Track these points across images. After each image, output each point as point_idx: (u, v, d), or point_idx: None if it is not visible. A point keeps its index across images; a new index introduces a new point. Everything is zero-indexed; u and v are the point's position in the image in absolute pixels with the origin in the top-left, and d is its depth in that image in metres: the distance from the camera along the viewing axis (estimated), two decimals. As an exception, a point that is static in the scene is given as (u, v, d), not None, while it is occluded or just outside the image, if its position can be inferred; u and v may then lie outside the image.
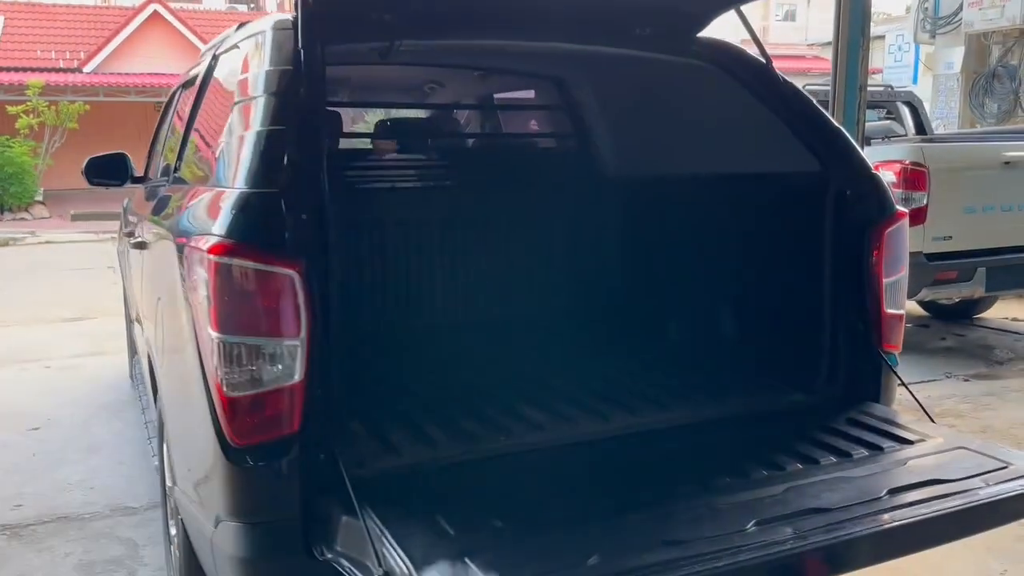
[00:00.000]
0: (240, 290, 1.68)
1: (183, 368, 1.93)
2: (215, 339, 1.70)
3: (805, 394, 2.29)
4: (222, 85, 2.53)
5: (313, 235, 1.70)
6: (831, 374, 2.30)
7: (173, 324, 2.04)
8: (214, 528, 1.83)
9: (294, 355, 1.69)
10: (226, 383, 1.70)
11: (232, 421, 1.71)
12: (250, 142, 1.84)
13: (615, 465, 1.89)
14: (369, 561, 1.53)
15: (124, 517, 3.44)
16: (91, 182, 4.38)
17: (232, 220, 1.73)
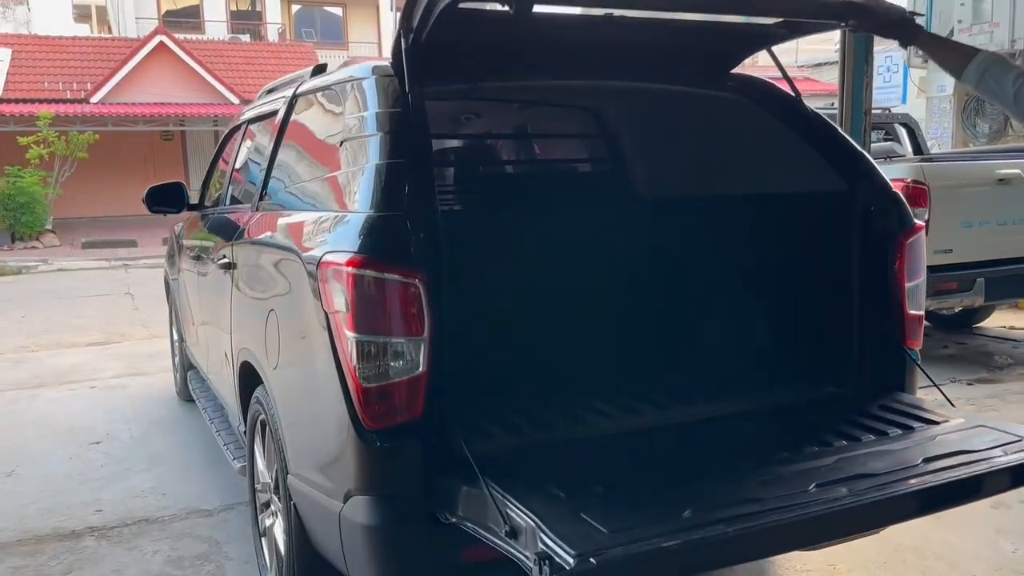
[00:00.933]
0: (373, 297, 1.99)
1: (311, 366, 2.23)
2: (352, 339, 2.00)
3: (840, 387, 2.60)
4: (316, 124, 2.84)
5: (431, 249, 2.01)
6: (862, 368, 2.61)
7: (296, 329, 2.34)
8: (343, 503, 2.12)
9: (418, 351, 1.99)
10: (361, 375, 2.00)
11: (366, 408, 2.00)
12: (371, 173, 2.15)
13: (691, 446, 2.20)
14: (493, 522, 1.82)
15: (201, 519, 3.72)
16: (151, 209, 4.70)
17: (365, 238, 2.04)
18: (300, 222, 2.45)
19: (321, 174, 2.58)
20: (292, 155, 3.01)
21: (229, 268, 3.25)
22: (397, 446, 2.02)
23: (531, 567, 1.61)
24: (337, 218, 2.22)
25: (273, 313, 2.52)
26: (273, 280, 2.59)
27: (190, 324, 4.79)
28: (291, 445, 2.46)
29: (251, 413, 2.98)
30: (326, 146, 2.65)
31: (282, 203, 2.87)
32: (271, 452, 2.80)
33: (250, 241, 3.00)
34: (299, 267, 2.28)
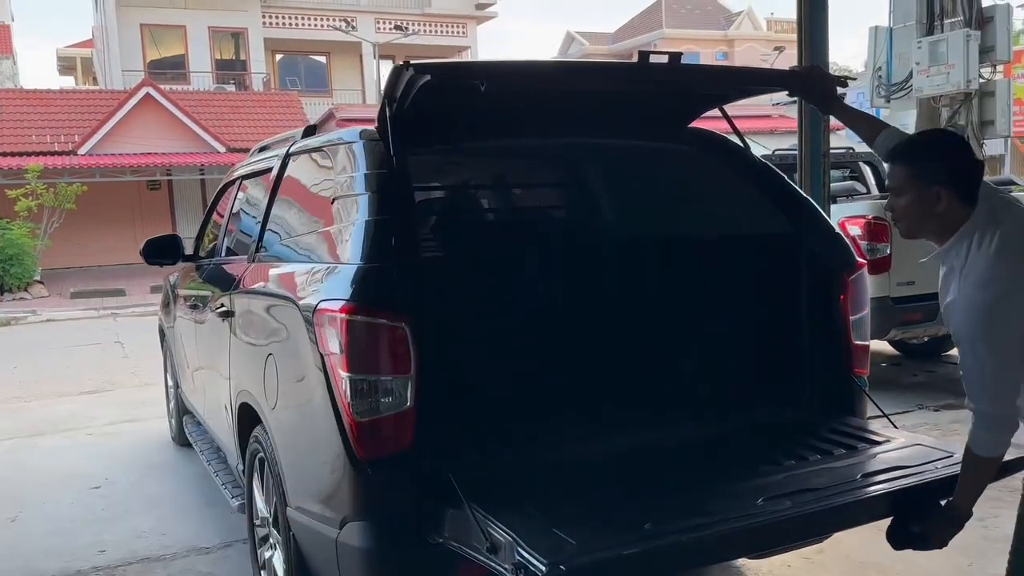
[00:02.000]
0: (364, 340, 2.22)
1: (308, 405, 2.45)
2: (345, 378, 2.23)
3: (795, 410, 2.84)
4: (309, 181, 3.09)
5: (415, 296, 2.24)
6: (814, 394, 2.85)
7: (293, 371, 2.56)
8: (339, 530, 2.32)
9: (405, 387, 2.21)
10: (355, 411, 2.22)
11: (359, 440, 2.22)
12: (360, 228, 2.39)
13: (658, 466, 2.42)
14: (476, 540, 2.03)
15: (199, 556, 3.89)
16: (148, 261, 4.92)
17: (355, 287, 2.27)
18: (295, 272, 2.68)
19: (314, 228, 2.82)
20: (286, 210, 3.25)
21: (227, 316, 3.46)
22: (388, 474, 2.24)
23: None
24: (330, 269, 2.46)
25: (272, 357, 2.74)
26: (271, 327, 2.81)
27: (186, 370, 4.98)
28: (290, 479, 2.66)
29: (250, 452, 3.18)
30: (318, 202, 2.89)
31: (278, 255, 3.10)
32: (270, 487, 2.99)
33: (248, 291, 3.22)
34: (296, 314, 2.51)
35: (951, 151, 2.15)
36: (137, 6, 26.94)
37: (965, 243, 2.04)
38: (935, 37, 8.79)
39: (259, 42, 28.82)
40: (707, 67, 2.73)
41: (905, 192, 2.13)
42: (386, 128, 2.48)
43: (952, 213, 2.07)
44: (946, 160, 2.11)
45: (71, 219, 19.41)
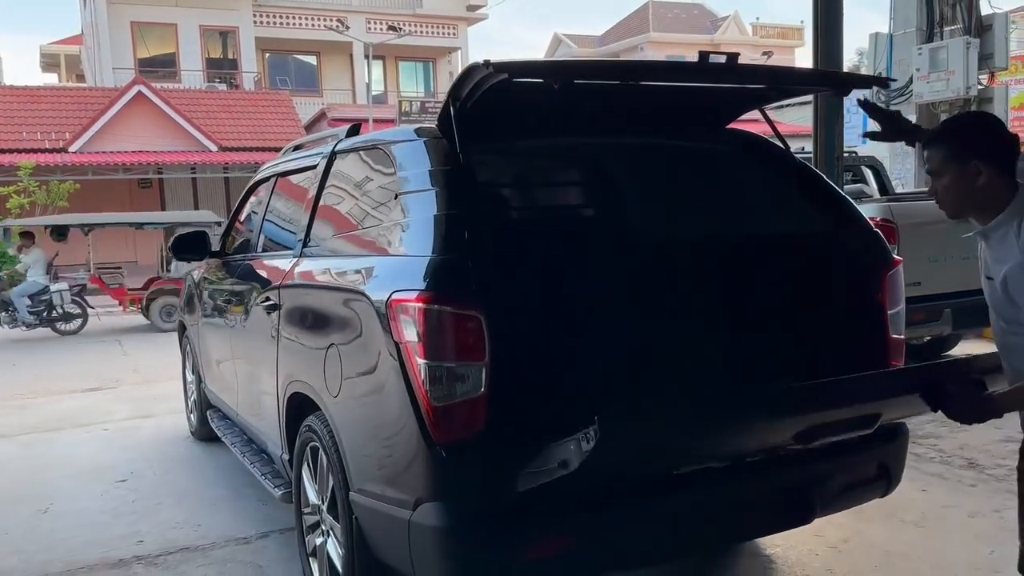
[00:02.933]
0: (440, 328, 2.31)
1: (378, 392, 2.54)
2: (423, 365, 2.32)
3: None
4: (362, 178, 3.18)
5: (489, 285, 2.34)
6: None
7: (360, 360, 2.65)
8: (412, 511, 2.41)
9: (480, 374, 2.31)
10: (432, 396, 2.32)
11: (436, 424, 2.32)
12: (431, 222, 2.49)
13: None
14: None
15: (239, 546, 3.96)
16: (177, 256, 4.99)
17: (432, 278, 2.36)
18: (361, 266, 2.77)
19: (373, 223, 2.91)
20: (337, 206, 3.34)
21: (273, 310, 3.54)
22: (463, 457, 2.33)
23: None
24: (400, 262, 2.55)
25: (334, 348, 2.83)
26: (332, 318, 2.90)
27: (212, 365, 5.05)
28: (354, 464, 2.75)
29: (300, 440, 3.26)
30: (375, 198, 2.98)
31: (331, 250, 3.18)
32: (323, 475, 3.08)
33: (299, 285, 3.31)
34: (365, 305, 2.60)
35: (983, 126, 2.22)
36: (128, 3, 26.83)
37: (1016, 220, 2.11)
38: (936, 44, 8.97)
39: (250, 41, 28.78)
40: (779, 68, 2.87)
41: (944, 173, 2.19)
42: (451, 125, 2.57)
43: (994, 187, 2.14)
44: (980, 134, 2.18)
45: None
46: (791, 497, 2.73)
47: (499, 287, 2.35)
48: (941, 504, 4.10)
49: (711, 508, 2.62)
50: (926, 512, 3.98)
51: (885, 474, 2.96)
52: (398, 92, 31.08)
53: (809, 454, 2.76)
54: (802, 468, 2.74)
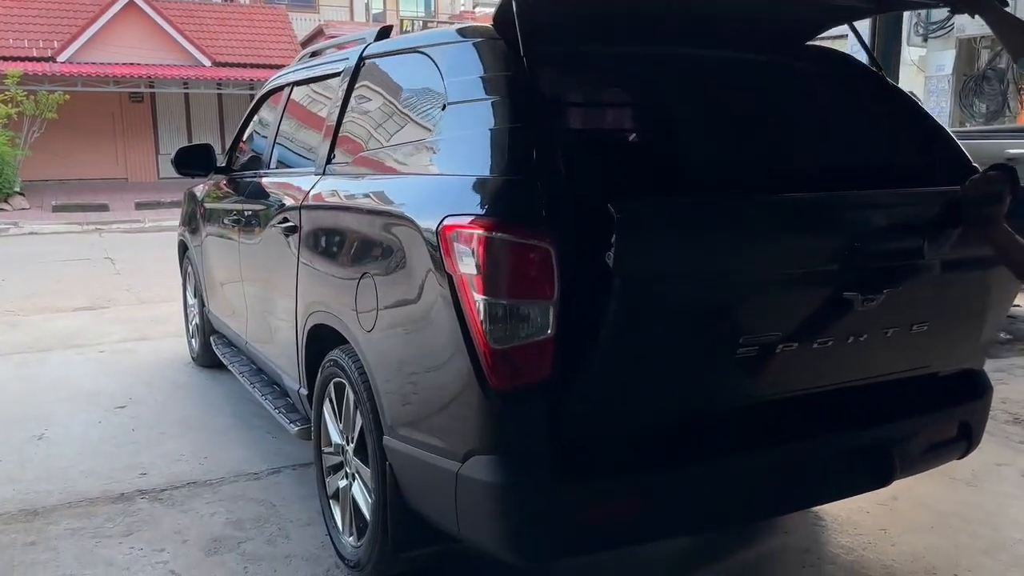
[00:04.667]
0: (504, 260, 2.00)
1: (424, 330, 2.24)
2: (481, 301, 2.02)
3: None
4: (400, 87, 2.83)
5: (561, 213, 2.03)
6: None
7: (401, 292, 2.35)
8: (461, 463, 2.15)
9: (547, 314, 2.02)
10: (491, 337, 2.02)
11: (494, 369, 2.03)
12: (490, 137, 2.15)
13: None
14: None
15: (249, 482, 3.72)
16: (179, 171, 4.64)
17: (495, 201, 2.05)
18: (403, 186, 2.44)
19: (415, 139, 2.58)
20: (367, 118, 3.00)
21: (292, 232, 3.23)
22: (524, 407, 2.06)
23: None
24: (454, 182, 2.23)
25: (368, 277, 2.53)
26: (366, 244, 2.58)
27: (217, 289, 4.75)
28: (390, 407, 2.47)
29: (323, 376, 2.99)
30: (418, 111, 2.64)
31: (363, 168, 2.85)
32: (349, 415, 2.81)
33: (325, 206, 2.99)
34: (409, 232, 2.29)
35: None
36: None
37: None
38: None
39: (246, -48, 27.69)
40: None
41: None
42: (512, 23, 2.22)
43: None
44: None
45: (51, 130, 18.74)
46: (873, 457, 2.49)
47: (572, 214, 2.04)
48: (993, 462, 3.89)
49: (790, 468, 2.37)
50: (977, 470, 3.76)
51: (966, 434, 2.72)
52: (398, 11, 30.11)
53: (893, 411, 2.51)
54: (886, 426, 2.49)
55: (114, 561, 3.03)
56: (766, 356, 2.20)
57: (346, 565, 2.89)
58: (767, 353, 2.19)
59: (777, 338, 2.19)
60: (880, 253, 2.24)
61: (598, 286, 2.00)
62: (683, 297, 2.10)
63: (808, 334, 2.25)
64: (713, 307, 2.15)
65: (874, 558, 3.07)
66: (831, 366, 2.37)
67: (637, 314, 2.02)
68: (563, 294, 2.01)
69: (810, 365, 2.32)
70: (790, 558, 3.07)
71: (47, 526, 3.31)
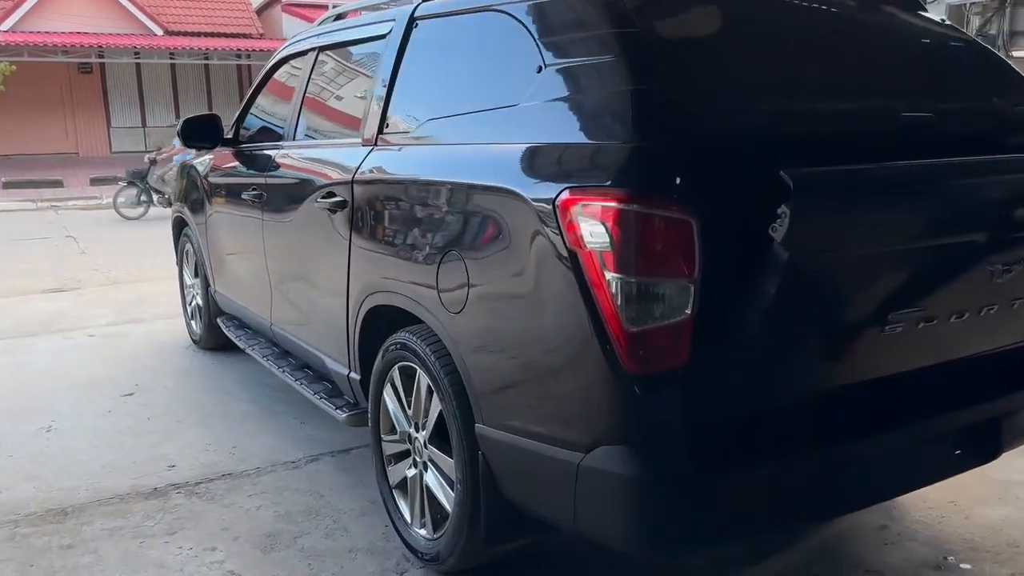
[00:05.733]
0: (641, 234, 1.85)
1: (536, 311, 2.08)
2: (615, 279, 1.87)
3: None
4: (473, 48, 2.63)
5: (701, 182, 1.88)
6: None
7: (503, 271, 2.18)
8: (584, 453, 2.00)
9: (687, 294, 1.87)
10: (626, 318, 1.87)
11: (629, 352, 1.88)
12: (614, 100, 1.99)
13: None
14: None
15: (288, 472, 3.53)
16: (187, 144, 4.39)
17: (628, 170, 1.89)
18: (501, 156, 2.25)
19: (500, 104, 2.39)
20: (430, 84, 2.80)
21: (338, 209, 3.02)
22: (660, 393, 1.92)
23: None
24: (571, 149, 2.06)
25: (454, 254, 2.35)
26: (451, 219, 2.39)
27: (228, 268, 4.51)
28: (484, 393, 2.31)
29: (384, 361, 2.81)
30: (502, 74, 2.45)
31: (427, 137, 2.66)
32: (421, 400, 2.65)
33: (387, 180, 2.79)
34: (510, 203, 2.11)
35: None
36: None
37: None
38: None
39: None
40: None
41: None
42: None
43: None
44: None
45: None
46: (987, 431, 2.41)
47: (716, 184, 1.89)
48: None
49: (916, 446, 2.28)
50: None
51: None
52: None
53: (1008, 383, 2.44)
54: (1002, 398, 2.42)
55: (165, 563, 2.84)
56: (909, 332, 2.09)
57: (419, 559, 2.74)
58: (911, 329, 2.08)
59: (922, 313, 2.09)
60: (1019, 220, 2.14)
61: (751, 261, 1.86)
62: (843, 272, 1.98)
63: (949, 307, 2.15)
64: (870, 282, 2.03)
65: (953, 532, 3.02)
66: (961, 340, 2.28)
67: (793, 292, 1.88)
68: (706, 271, 1.87)
69: (943, 339, 2.22)
70: (869, 535, 3.00)
71: (81, 527, 3.09)
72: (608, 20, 2.12)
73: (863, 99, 2.31)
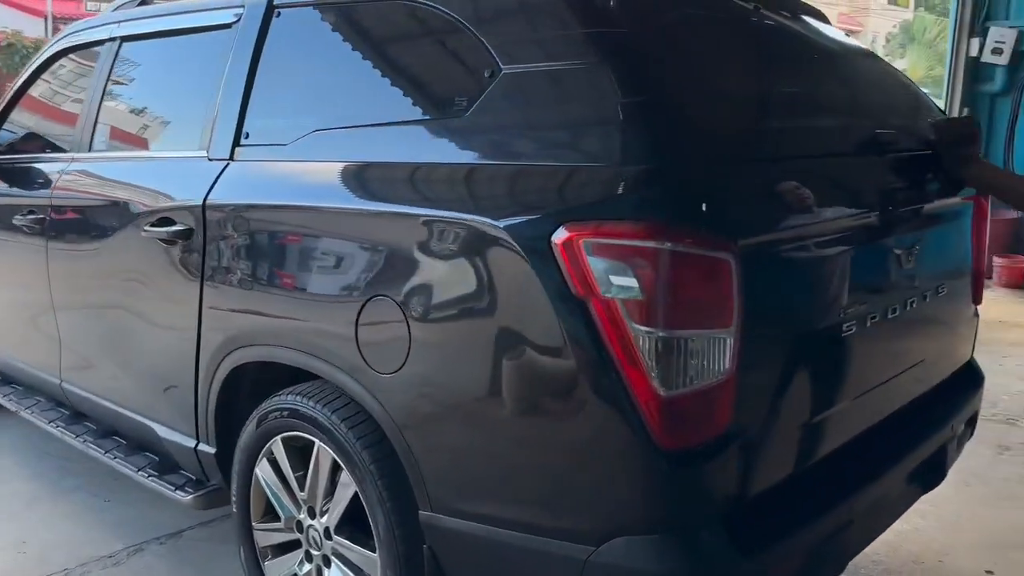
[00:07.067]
0: (679, 278, 1.51)
1: (521, 370, 1.65)
2: (645, 334, 1.50)
3: None
4: (386, 43, 2.14)
5: (741, 214, 1.59)
6: None
7: (461, 320, 1.73)
8: (594, 547, 1.62)
9: (724, 346, 1.55)
10: (658, 381, 1.51)
11: (663, 423, 1.52)
12: (607, 111, 1.61)
13: None
14: None
15: (108, 570, 2.80)
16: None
17: (659, 199, 1.53)
18: (462, 176, 1.79)
19: (432, 113, 1.94)
20: (315, 86, 2.28)
21: (181, 239, 2.39)
22: (698, 469, 1.59)
23: None
24: (567, 172, 1.65)
25: (385, 300, 1.85)
26: (378, 257, 1.87)
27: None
28: (437, 472, 1.85)
29: (260, 430, 2.25)
30: (429, 77, 2.01)
31: (324, 150, 2.11)
32: (322, 480, 2.12)
33: (265, 205, 2.20)
34: (480, 239, 1.67)
35: None
36: None
37: None
38: None
39: None
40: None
41: None
42: None
43: None
44: None
45: None
46: (937, 456, 2.34)
47: (749, 215, 1.59)
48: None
49: (897, 485, 2.14)
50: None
51: (972, 423, 2.65)
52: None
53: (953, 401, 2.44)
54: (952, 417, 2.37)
55: None
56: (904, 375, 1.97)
57: None
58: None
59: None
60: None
61: (788, 303, 1.59)
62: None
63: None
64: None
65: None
66: (901, 346, 2.20)
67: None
68: (745, 318, 1.57)
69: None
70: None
71: None
72: (596, 18, 1.76)
73: (849, 116, 2.15)
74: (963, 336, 2.60)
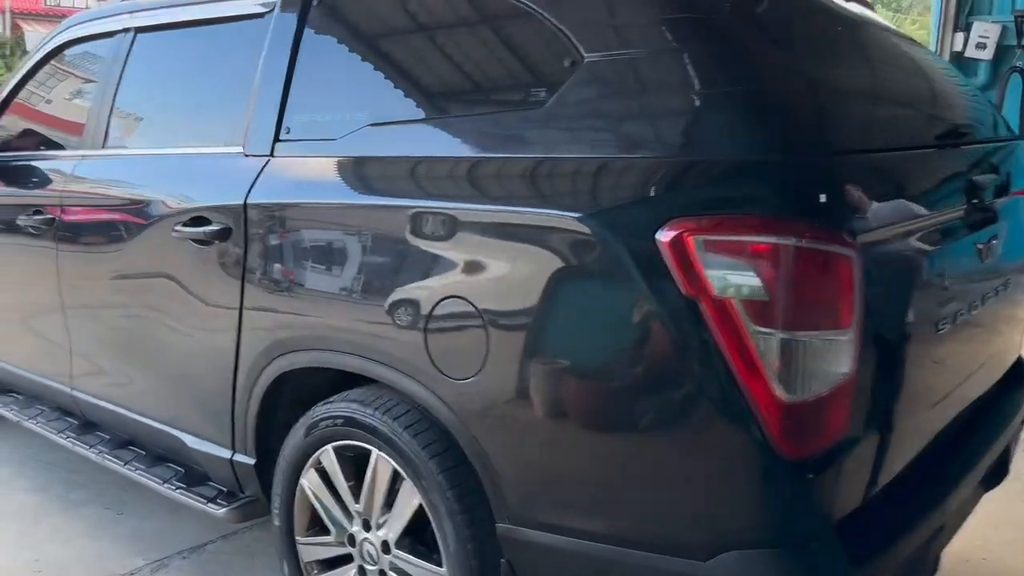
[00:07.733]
0: (802, 276, 1.42)
1: (621, 374, 1.56)
2: (766, 336, 1.42)
3: None
4: (448, 29, 2.01)
5: (862, 208, 1.51)
6: None
7: (552, 320, 1.62)
8: (703, 561, 1.53)
9: (846, 348, 1.47)
10: (781, 385, 1.43)
11: (785, 430, 1.44)
12: (716, 101, 1.53)
13: None
14: None
15: (126, 588, 2.66)
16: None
17: (781, 194, 1.45)
18: (546, 170, 1.69)
19: (505, 105, 1.84)
20: (364, 77, 2.15)
21: (219, 239, 2.25)
22: (819, 478, 1.50)
23: None
24: (669, 165, 1.56)
25: (458, 301, 1.75)
26: (452, 257, 1.76)
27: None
28: (519, 482, 1.75)
29: (308, 439, 2.13)
30: (499, 66, 1.90)
31: (383, 145, 1.99)
32: (381, 491, 2.01)
33: (316, 205, 2.08)
34: (573, 237, 1.57)
35: None
36: None
37: None
38: None
39: None
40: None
41: None
42: None
43: None
44: None
45: None
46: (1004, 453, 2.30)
47: (870, 209, 1.51)
48: None
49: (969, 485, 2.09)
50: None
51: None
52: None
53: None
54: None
55: None
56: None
57: None
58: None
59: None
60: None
61: (904, 302, 1.52)
62: None
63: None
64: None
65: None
66: (978, 342, 2.15)
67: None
68: (866, 317, 1.49)
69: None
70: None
71: None
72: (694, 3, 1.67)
73: (934, 107, 2.09)
74: (1019, 331, 2.57)
